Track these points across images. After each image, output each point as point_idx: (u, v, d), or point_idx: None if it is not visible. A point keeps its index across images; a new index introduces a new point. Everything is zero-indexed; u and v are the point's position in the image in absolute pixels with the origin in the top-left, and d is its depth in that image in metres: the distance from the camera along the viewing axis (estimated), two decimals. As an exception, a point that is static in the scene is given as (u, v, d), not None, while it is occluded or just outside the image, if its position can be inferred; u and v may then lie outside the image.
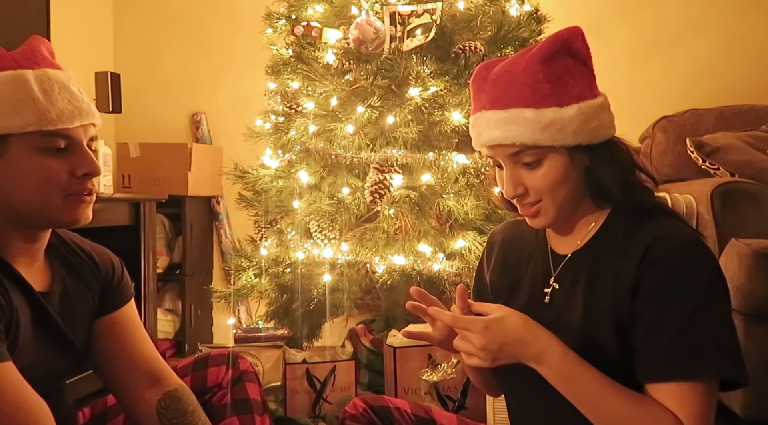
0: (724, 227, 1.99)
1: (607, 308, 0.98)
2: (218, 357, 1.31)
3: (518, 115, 0.97)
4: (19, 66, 1.01)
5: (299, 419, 2.05)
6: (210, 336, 3.26)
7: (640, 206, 1.02)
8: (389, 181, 2.12)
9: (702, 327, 0.92)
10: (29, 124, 0.98)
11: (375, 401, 1.20)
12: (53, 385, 1.13)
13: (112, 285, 1.23)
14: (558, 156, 0.99)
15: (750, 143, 2.46)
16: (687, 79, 3.06)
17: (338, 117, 2.19)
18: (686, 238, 0.96)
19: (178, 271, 3.08)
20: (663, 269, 0.94)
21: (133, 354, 1.21)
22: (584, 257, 1.05)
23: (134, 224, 2.33)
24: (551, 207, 1.02)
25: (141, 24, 3.39)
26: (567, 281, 1.06)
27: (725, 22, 3.06)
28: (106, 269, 1.23)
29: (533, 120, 0.97)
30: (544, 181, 1.00)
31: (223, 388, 1.28)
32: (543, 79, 0.97)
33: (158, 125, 3.30)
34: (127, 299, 1.26)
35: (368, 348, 2.31)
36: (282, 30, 2.41)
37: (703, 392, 0.90)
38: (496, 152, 1.03)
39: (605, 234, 1.04)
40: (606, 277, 1.00)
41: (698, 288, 0.93)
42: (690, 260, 0.94)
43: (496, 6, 2.28)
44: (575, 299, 1.03)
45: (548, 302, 1.07)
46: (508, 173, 1.02)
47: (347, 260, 2.18)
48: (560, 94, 0.98)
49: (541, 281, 1.09)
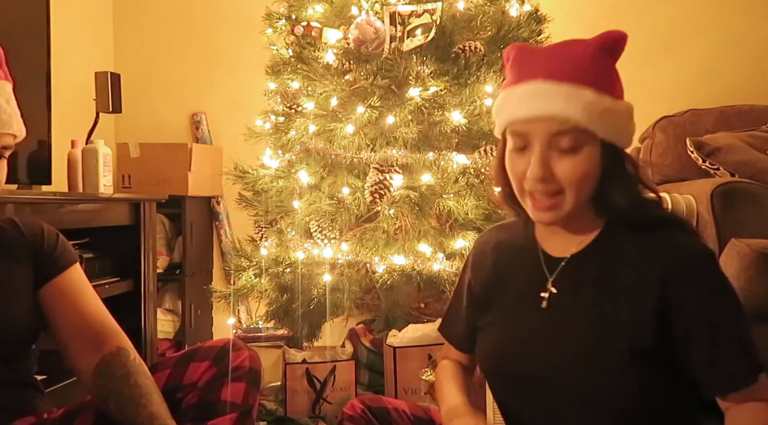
0: (724, 227, 1.99)
1: (621, 315, 0.97)
2: (207, 350, 1.18)
3: (578, 92, 0.94)
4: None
5: (299, 419, 2.05)
6: (210, 336, 3.26)
7: (641, 218, 1.01)
8: (389, 181, 2.11)
9: (745, 328, 0.96)
10: None
11: (373, 402, 1.19)
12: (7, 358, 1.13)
13: (43, 254, 1.21)
14: (594, 149, 0.96)
15: (750, 143, 2.46)
16: (687, 80, 3.06)
17: (338, 117, 2.19)
18: (704, 250, 0.98)
19: (178, 271, 3.08)
20: (696, 286, 0.95)
21: (75, 319, 1.18)
22: (585, 263, 1.03)
23: (134, 224, 2.33)
24: (571, 200, 0.98)
25: (141, 24, 3.39)
26: (567, 286, 1.04)
27: (725, 23, 3.06)
28: (34, 238, 1.21)
29: (593, 102, 0.94)
30: (577, 170, 0.96)
31: (197, 389, 1.15)
32: (603, 67, 0.97)
33: (158, 125, 3.30)
34: (67, 265, 1.23)
35: (368, 348, 2.32)
36: (282, 30, 2.41)
37: (763, 377, 0.96)
38: (536, 128, 0.96)
39: (606, 242, 1.03)
40: (616, 284, 0.99)
41: (729, 297, 0.97)
42: (715, 273, 0.97)
43: (496, 6, 2.28)
44: (580, 307, 1.01)
45: (546, 307, 1.04)
46: (539, 155, 0.96)
47: (347, 260, 2.18)
48: (614, 87, 0.98)
49: (536, 284, 1.06)
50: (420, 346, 2.03)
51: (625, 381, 0.95)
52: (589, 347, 0.97)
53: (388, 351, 2.06)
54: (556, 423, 1.02)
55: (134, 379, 1.10)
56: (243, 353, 1.18)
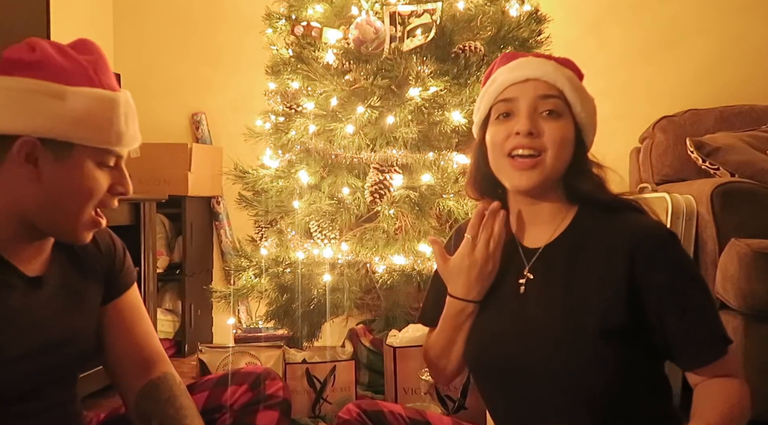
0: (724, 227, 1.99)
1: (590, 296, 1.01)
2: (245, 375, 1.23)
3: (562, 69, 1.10)
4: (101, 85, 1.03)
5: (299, 419, 2.05)
6: (210, 336, 3.27)
7: (606, 202, 1.09)
8: (389, 181, 2.12)
9: (712, 302, 1.03)
10: (107, 143, 1.04)
11: (369, 406, 1.19)
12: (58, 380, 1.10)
13: (114, 270, 1.20)
14: (571, 124, 1.09)
15: (750, 143, 2.46)
16: (687, 80, 3.07)
17: (338, 117, 2.19)
18: (666, 231, 1.05)
19: (178, 271, 3.09)
20: (664, 266, 1.00)
21: (128, 341, 1.18)
22: (557, 250, 1.09)
23: (134, 224, 2.33)
24: (550, 162, 1.06)
25: (141, 24, 3.39)
26: (540, 271, 1.09)
27: (725, 23, 3.06)
28: (108, 253, 1.20)
29: (572, 79, 1.10)
30: (559, 132, 1.06)
31: (233, 410, 1.20)
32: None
33: (158, 125, 3.30)
34: (130, 284, 1.23)
35: (368, 348, 2.31)
36: (282, 30, 2.41)
37: (732, 350, 1.02)
38: (525, 89, 1.08)
39: (576, 228, 1.09)
40: (586, 268, 1.04)
41: (695, 274, 1.03)
42: (680, 252, 1.04)
43: (496, 6, 2.28)
44: (551, 292, 1.05)
45: (523, 293, 1.09)
46: (527, 112, 1.07)
47: (347, 260, 2.18)
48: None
49: (515, 273, 1.12)
50: (420, 346, 2.02)
51: (597, 363, 0.98)
52: (560, 329, 1.01)
53: (388, 351, 2.06)
54: (533, 409, 1.04)
55: (179, 402, 1.14)
56: (278, 383, 1.23)
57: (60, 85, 0.99)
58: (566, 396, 1.00)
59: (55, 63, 1.00)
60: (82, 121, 1.00)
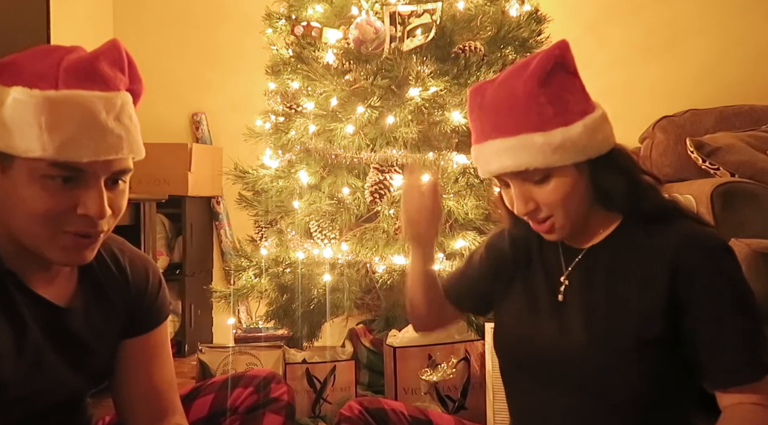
0: (724, 227, 1.99)
1: (632, 307, 0.99)
2: (251, 378, 1.20)
3: (527, 141, 0.98)
4: (65, 85, 0.89)
5: (299, 419, 2.05)
6: (210, 336, 3.27)
7: (650, 212, 1.03)
8: (389, 181, 2.12)
9: (756, 324, 0.95)
10: (28, 151, 0.87)
11: (371, 403, 1.19)
12: (71, 403, 1.07)
13: (142, 306, 1.11)
14: (565, 170, 1.00)
15: (750, 143, 2.46)
16: (687, 80, 3.07)
17: (338, 117, 2.19)
18: (716, 241, 0.98)
19: (178, 271, 3.09)
20: (707, 279, 0.96)
21: (145, 384, 1.11)
22: (600, 254, 1.06)
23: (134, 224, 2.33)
24: (564, 220, 1.03)
25: (141, 24, 3.39)
26: (581, 276, 1.07)
27: (725, 23, 3.06)
28: (138, 287, 1.11)
29: (543, 144, 0.97)
30: (555, 195, 1.01)
31: (237, 413, 1.17)
32: (545, 102, 0.98)
33: (158, 125, 3.30)
34: (158, 323, 1.14)
35: (368, 348, 2.31)
36: (282, 30, 2.41)
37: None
38: (506, 175, 1.03)
39: (622, 234, 1.06)
40: (628, 277, 1.01)
41: (740, 291, 0.96)
42: (727, 266, 0.97)
43: (496, 6, 2.28)
44: (591, 295, 1.04)
45: (561, 294, 1.07)
46: (518, 191, 1.03)
47: (347, 260, 2.18)
48: (564, 113, 0.98)
49: (554, 272, 1.10)
50: (420, 346, 2.03)
51: (628, 369, 0.97)
52: (597, 333, 1.00)
53: (388, 351, 2.06)
54: (559, 407, 1.03)
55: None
56: (283, 386, 1.21)
57: (2, 87, 0.88)
58: (594, 399, 1.00)
59: (12, 61, 0.90)
60: (6, 126, 0.87)
